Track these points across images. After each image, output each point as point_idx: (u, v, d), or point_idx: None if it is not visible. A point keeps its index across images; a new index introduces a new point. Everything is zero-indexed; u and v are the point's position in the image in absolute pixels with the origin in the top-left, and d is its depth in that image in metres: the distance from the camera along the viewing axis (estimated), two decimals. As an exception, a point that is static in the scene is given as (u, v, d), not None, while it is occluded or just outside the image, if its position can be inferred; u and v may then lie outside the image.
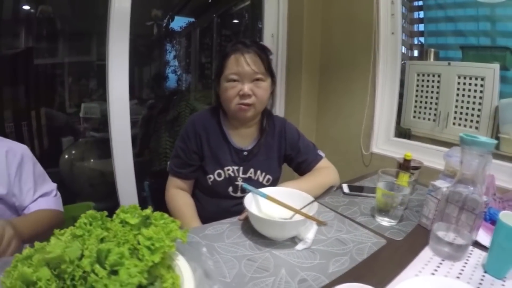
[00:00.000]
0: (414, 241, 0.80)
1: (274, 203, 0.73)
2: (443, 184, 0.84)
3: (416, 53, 2.38)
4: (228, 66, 0.94)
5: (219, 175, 1.01)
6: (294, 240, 0.72)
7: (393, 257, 0.73)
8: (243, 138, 1.04)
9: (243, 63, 0.92)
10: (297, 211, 0.71)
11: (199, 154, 1.01)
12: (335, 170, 1.07)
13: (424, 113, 2.10)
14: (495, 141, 0.75)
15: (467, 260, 0.78)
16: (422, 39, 2.41)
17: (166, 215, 0.50)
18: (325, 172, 1.03)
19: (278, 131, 1.06)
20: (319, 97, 2.02)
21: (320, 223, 0.75)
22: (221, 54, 0.99)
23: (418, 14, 2.40)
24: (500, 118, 1.86)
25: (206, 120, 1.02)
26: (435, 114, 2.06)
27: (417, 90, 2.12)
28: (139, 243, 0.44)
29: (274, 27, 1.93)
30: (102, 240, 0.44)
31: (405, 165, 0.97)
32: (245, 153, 1.02)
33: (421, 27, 2.39)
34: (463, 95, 1.99)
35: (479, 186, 0.75)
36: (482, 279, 0.72)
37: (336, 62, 1.91)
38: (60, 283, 0.39)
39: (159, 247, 0.42)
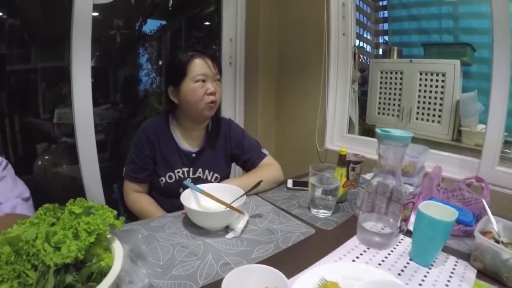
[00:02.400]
0: (344, 230, 0.92)
1: (208, 197, 0.89)
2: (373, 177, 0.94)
3: (381, 51, 2.58)
4: (193, 69, 1.10)
5: (170, 177, 1.17)
6: (227, 230, 0.87)
7: (318, 245, 0.84)
8: (192, 141, 1.20)
9: (208, 65, 1.10)
10: (223, 203, 0.88)
11: (152, 159, 1.17)
12: (277, 166, 1.24)
13: (388, 109, 2.29)
14: (410, 135, 0.80)
15: (395, 248, 0.86)
16: (387, 37, 2.60)
17: (106, 206, 0.66)
18: (266, 169, 1.20)
19: (223, 132, 1.24)
20: (276, 98, 2.21)
21: (241, 213, 0.89)
22: (180, 62, 1.12)
23: (383, 14, 2.59)
24: (461, 111, 2.01)
25: (156, 126, 1.18)
26: (398, 110, 2.24)
27: (380, 88, 2.30)
28: (82, 228, 0.60)
29: (232, 31, 2.09)
30: (52, 225, 0.61)
31: (341, 160, 1.13)
32: (194, 155, 1.19)
33: (386, 26, 2.58)
34: (425, 91, 2.15)
35: (398, 177, 0.84)
36: (405, 266, 0.79)
37: (292, 64, 2.09)
38: (19, 258, 0.56)
39: (94, 230, 0.59)
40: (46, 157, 2.11)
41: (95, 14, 1.57)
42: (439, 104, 2.11)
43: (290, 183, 1.24)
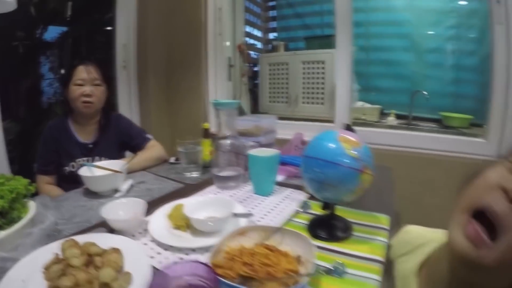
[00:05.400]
0: (207, 183, 1.36)
1: (99, 168, 1.32)
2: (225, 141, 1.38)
3: (270, 46, 3.17)
4: (76, 74, 1.53)
5: (72, 166, 1.58)
6: (116, 192, 1.30)
7: (184, 193, 1.22)
8: (88, 134, 1.63)
9: (87, 71, 1.52)
10: (109, 170, 1.29)
11: (56, 152, 1.56)
12: (159, 147, 1.71)
13: (278, 97, 2.87)
14: (237, 101, 1.28)
15: (243, 188, 1.27)
16: (276, 34, 3.21)
17: (22, 177, 1.07)
18: (150, 150, 1.67)
19: (114, 125, 1.68)
20: (167, 95, 2.71)
21: (121, 173, 1.30)
22: (70, 67, 1.57)
23: (272, 13, 3.18)
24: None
25: (58, 125, 1.59)
26: (287, 97, 2.82)
27: (270, 79, 2.87)
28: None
29: (125, 38, 2.51)
30: (-18, 192, 1.01)
31: (205, 133, 1.57)
32: (90, 146, 1.62)
33: (275, 23, 3.18)
34: (308, 78, 2.74)
35: (236, 136, 1.32)
36: (248, 197, 1.17)
37: (178, 63, 2.61)
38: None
39: (15, 189, 0.99)
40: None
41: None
42: (321, 88, 2.70)
43: (172, 159, 1.71)
